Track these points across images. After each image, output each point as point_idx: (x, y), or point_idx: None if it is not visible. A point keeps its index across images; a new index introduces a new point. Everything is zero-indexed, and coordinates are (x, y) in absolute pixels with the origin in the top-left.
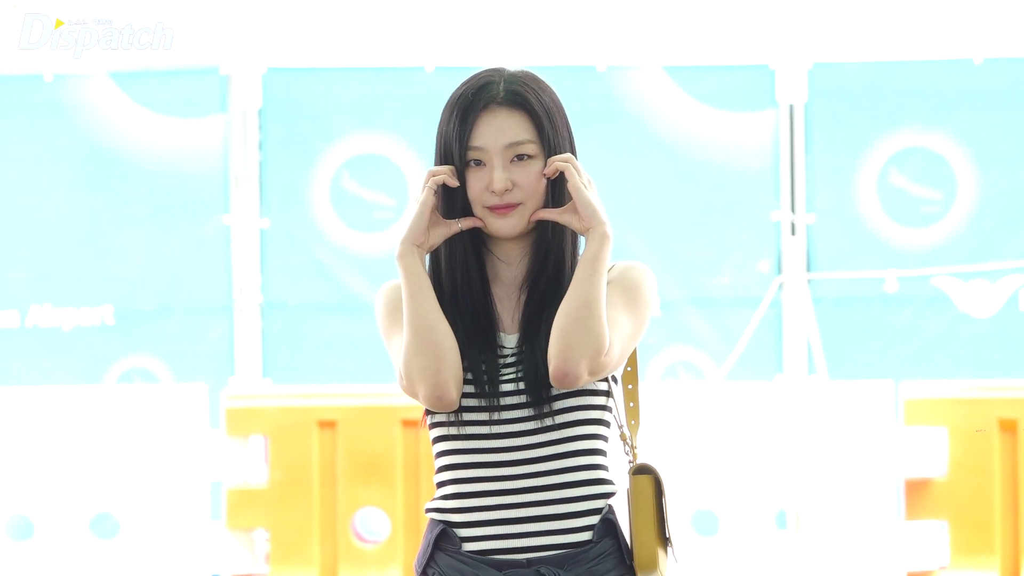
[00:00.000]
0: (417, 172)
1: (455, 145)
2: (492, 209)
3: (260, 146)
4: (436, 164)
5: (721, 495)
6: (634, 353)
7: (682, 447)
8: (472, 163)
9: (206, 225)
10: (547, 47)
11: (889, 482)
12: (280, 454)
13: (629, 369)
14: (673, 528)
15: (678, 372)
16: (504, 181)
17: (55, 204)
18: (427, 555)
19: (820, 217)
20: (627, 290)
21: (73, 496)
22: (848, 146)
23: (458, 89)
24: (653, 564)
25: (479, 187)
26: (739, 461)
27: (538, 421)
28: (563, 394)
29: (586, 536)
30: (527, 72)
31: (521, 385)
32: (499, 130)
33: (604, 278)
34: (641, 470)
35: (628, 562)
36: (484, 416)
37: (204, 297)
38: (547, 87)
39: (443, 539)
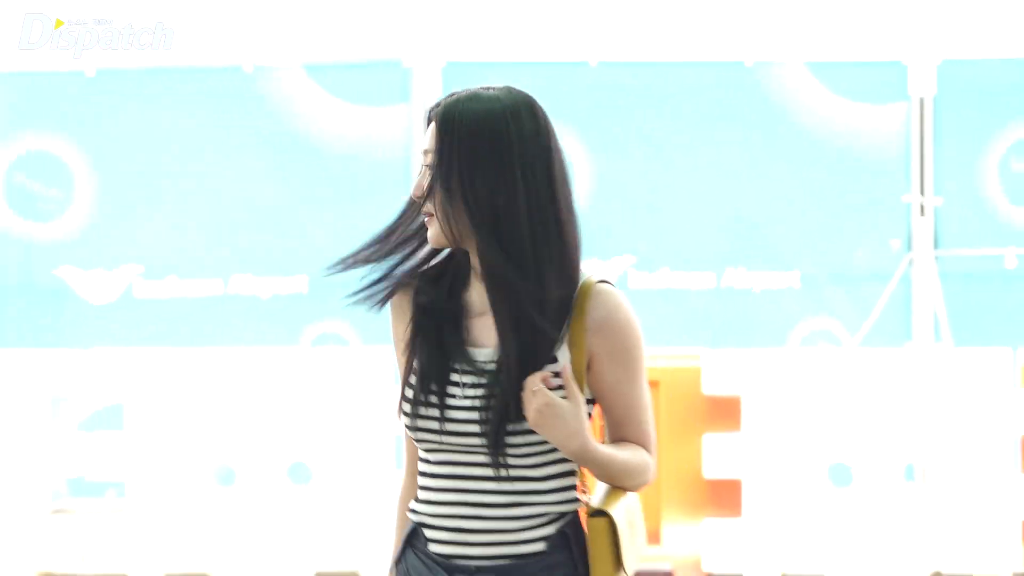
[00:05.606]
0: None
1: None
2: None
3: None
4: None
5: (855, 450)
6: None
7: (820, 407)
8: None
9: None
10: (699, 44)
11: (1008, 439)
12: None
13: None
14: (630, 565)
15: (816, 340)
16: (416, 186)
17: (255, 186)
18: (400, 551)
19: (947, 200)
20: (628, 365)
21: (271, 447)
22: (973, 136)
23: None
24: None
25: None
26: (872, 420)
27: (492, 470)
28: (526, 442)
29: (539, 547)
30: (473, 90)
31: (475, 415)
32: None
33: (612, 459)
34: (597, 514)
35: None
36: (434, 427)
37: None
38: (473, 107)
39: (414, 537)
